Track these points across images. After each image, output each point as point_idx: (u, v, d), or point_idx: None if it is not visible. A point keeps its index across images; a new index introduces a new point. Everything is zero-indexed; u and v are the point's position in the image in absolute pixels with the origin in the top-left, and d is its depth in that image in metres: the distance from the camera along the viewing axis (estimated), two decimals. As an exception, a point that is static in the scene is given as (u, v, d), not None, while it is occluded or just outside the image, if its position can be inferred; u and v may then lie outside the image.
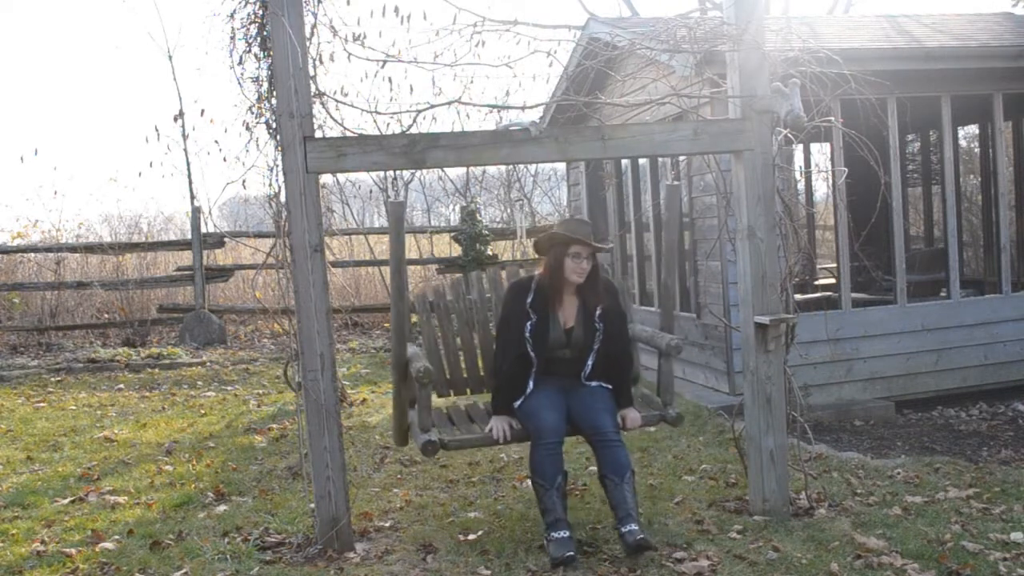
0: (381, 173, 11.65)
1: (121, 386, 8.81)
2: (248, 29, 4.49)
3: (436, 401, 4.37)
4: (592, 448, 4.03)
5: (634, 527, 3.74)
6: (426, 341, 4.51)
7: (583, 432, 4.05)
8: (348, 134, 4.11)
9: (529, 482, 4.99)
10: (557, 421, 3.95)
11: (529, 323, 4.06)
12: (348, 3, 7.05)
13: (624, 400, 4.19)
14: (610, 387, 4.17)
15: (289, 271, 4.06)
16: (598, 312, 4.12)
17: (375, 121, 11.41)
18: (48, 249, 12.41)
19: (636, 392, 4.43)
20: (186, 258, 12.63)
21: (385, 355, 10.23)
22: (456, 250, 12.21)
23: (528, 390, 4.07)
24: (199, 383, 8.91)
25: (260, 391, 8.36)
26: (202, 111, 23.27)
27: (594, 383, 4.16)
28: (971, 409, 7.15)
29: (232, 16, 4.52)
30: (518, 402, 4.08)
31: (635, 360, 4.50)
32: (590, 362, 4.14)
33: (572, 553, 3.69)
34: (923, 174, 10.83)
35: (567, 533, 3.76)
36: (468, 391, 4.64)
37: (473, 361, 4.60)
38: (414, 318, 4.69)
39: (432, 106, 4.44)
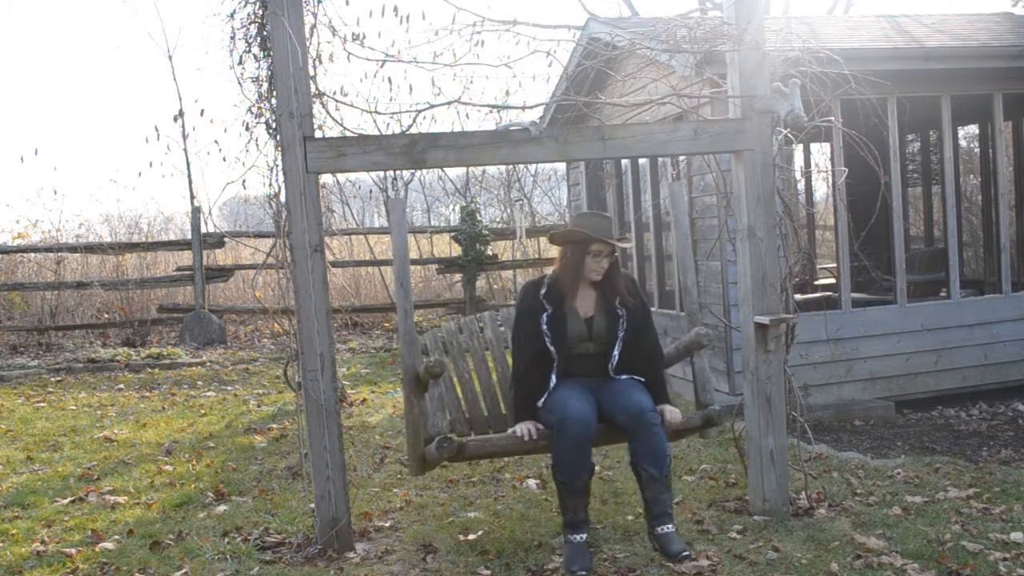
0: (381, 173, 11.68)
1: (121, 386, 8.81)
2: (248, 29, 4.48)
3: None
4: (627, 434, 3.71)
5: (670, 529, 3.60)
6: (443, 381, 4.20)
7: (617, 418, 3.70)
8: (348, 134, 4.12)
9: (529, 482, 5.01)
10: (585, 411, 3.64)
11: (545, 315, 3.85)
12: (348, 3, 7.06)
13: (660, 395, 3.89)
14: (642, 380, 3.90)
15: (289, 271, 4.06)
16: (618, 300, 3.93)
17: (375, 121, 11.45)
18: (48, 249, 12.42)
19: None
20: (186, 258, 12.64)
21: (385, 355, 10.24)
22: (456, 250, 12.20)
23: (551, 385, 3.81)
24: (199, 383, 8.91)
25: (260, 391, 8.36)
26: (202, 111, 23.36)
27: (624, 376, 3.89)
28: (971, 409, 7.14)
29: (232, 16, 4.51)
30: (541, 401, 3.80)
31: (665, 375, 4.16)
32: (616, 352, 3.87)
33: (584, 573, 3.57)
34: (923, 174, 10.83)
35: (585, 537, 3.64)
36: (490, 430, 4.30)
37: (494, 400, 4.36)
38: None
39: (432, 106, 4.44)
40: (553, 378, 3.84)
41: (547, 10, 42.83)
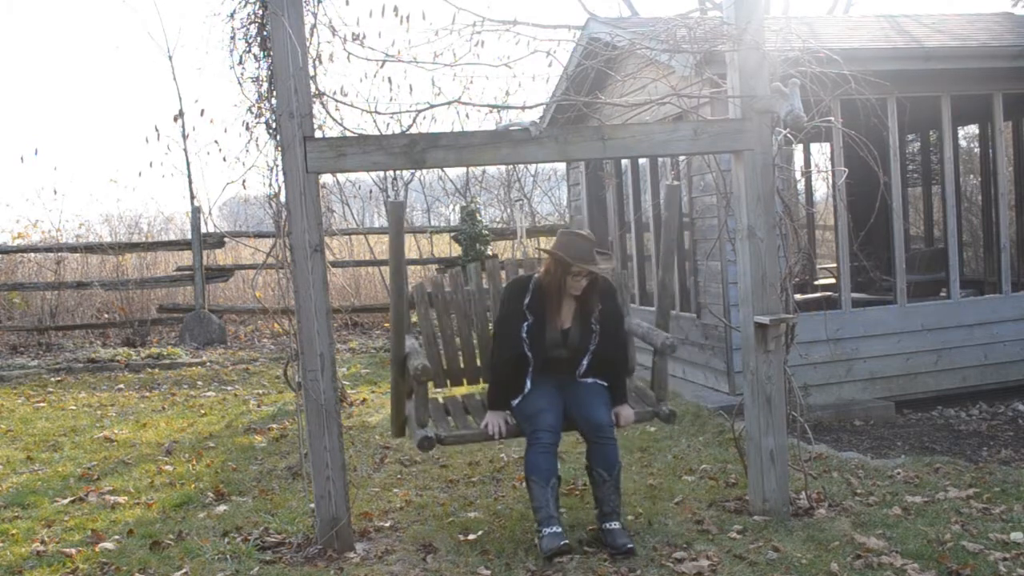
0: (381, 173, 11.68)
1: (121, 386, 8.81)
2: (248, 29, 4.48)
3: (433, 392, 4.46)
4: (586, 441, 4.10)
5: (616, 525, 3.96)
6: (424, 333, 4.57)
7: (578, 426, 4.10)
8: (348, 134, 4.12)
9: (529, 482, 5.02)
10: (554, 422, 4.01)
11: (526, 324, 4.11)
12: (348, 3, 7.05)
13: (619, 397, 4.24)
14: (605, 383, 4.22)
15: (289, 271, 4.06)
16: (595, 315, 4.18)
17: (375, 121, 11.46)
18: (48, 249, 12.42)
19: (630, 386, 4.50)
20: (186, 258, 12.63)
21: (385, 355, 10.23)
22: (456, 250, 12.20)
23: (526, 389, 4.11)
24: (199, 383, 8.91)
25: (260, 391, 8.36)
26: (202, 111, 23.28)
27: (589, 380, 4.20)
28: (971, 409, 7.14)
29: (232, 16, 4.51)
30: (516, 400, 4.12)
31: (631, 357, 4.56)
32: (585, 362, 4.18)
33: (566, 542, 3.76)
34: (923, 174, 10.83)
35: (559, 528, 3.81)
36: (465, 382, 4.70)
37: (471, 353, 4.66)
38: (414, 318, 4.72)
39: (432, 106, 4.44)
40: (528, 383, 4.12)
41: (547, 10, 42.84)
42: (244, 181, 8.69)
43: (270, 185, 4.32)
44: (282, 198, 4.06)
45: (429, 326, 4.61)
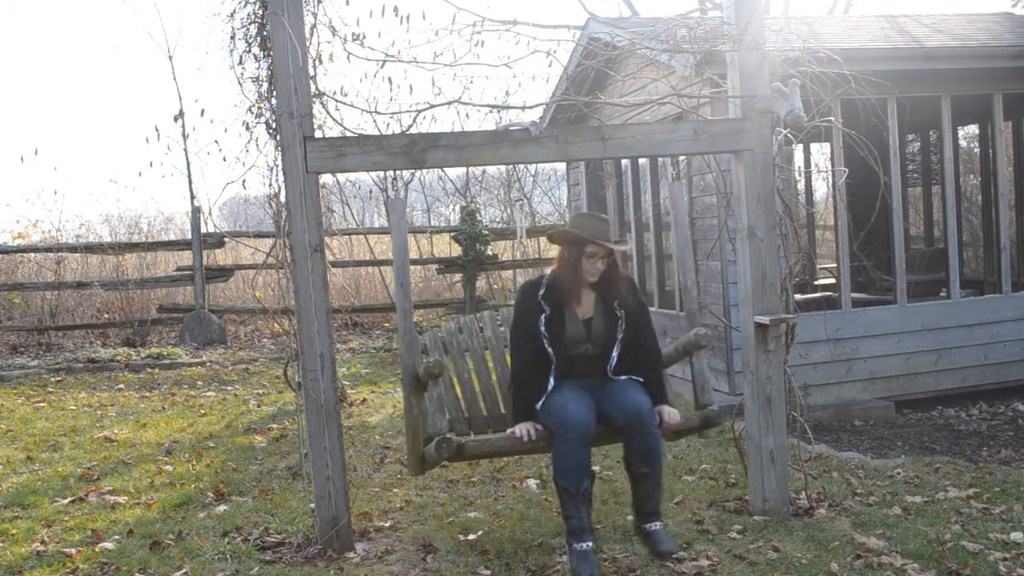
0: (381, 173, 11.67)
1: (121, 386, 8.81)
2: (248, 29, 4.48)
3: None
4: (623, 433, 3.67)
5: (659, 526, 3.64)
6: (442, 381, 4.06)
7: (614, 418, 3.66)
8: (348, 134, 4.12)
9: (529, 482, 5.01)
10: (585, 414, 3.61)
11: (543, 316, 3.81)
12: (348, 3, 7.05)
13: (658, 396, 3.85)
14: (641, 380, 3.86)
15: (289, 271, 4.06)
16: (617, 301, 3.88)
17: (375, 121, 11.46)
18: (48, 249, 12.42)
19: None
20: (186, 258, 12.64)
21: (385, 355, 10.24)
22: (456, 250, 12.20)
23: (549, 388, 3.76)
24: (199, 383, 8.91)
25: (260, 391, 8.36)
26: (202, 111, 23.28)
27: (623, 377, 3.84)
28: (971, 409, 7.14)
29: (232, 16, 4.51)
30: (539, 403, 3.76)
31: (663, 367, 4.12)
32: (615, 354, 3.83)
33: (597, 572, 3.46)
34: (923, 174, 10.83)
35: (591, 544, 3.52)
36: (489, 430, 4.26)
37: (493, 399, 4.33)
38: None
39: (432, 106, 4.44)
40: (551, 380, 3.79)
41: (547, 10, 42.83)
42: (244, 181, 8.70)
43: (270, 185, 4.32)
44: (282, 198, 4.06)
45: (446, 375, 4.15)
